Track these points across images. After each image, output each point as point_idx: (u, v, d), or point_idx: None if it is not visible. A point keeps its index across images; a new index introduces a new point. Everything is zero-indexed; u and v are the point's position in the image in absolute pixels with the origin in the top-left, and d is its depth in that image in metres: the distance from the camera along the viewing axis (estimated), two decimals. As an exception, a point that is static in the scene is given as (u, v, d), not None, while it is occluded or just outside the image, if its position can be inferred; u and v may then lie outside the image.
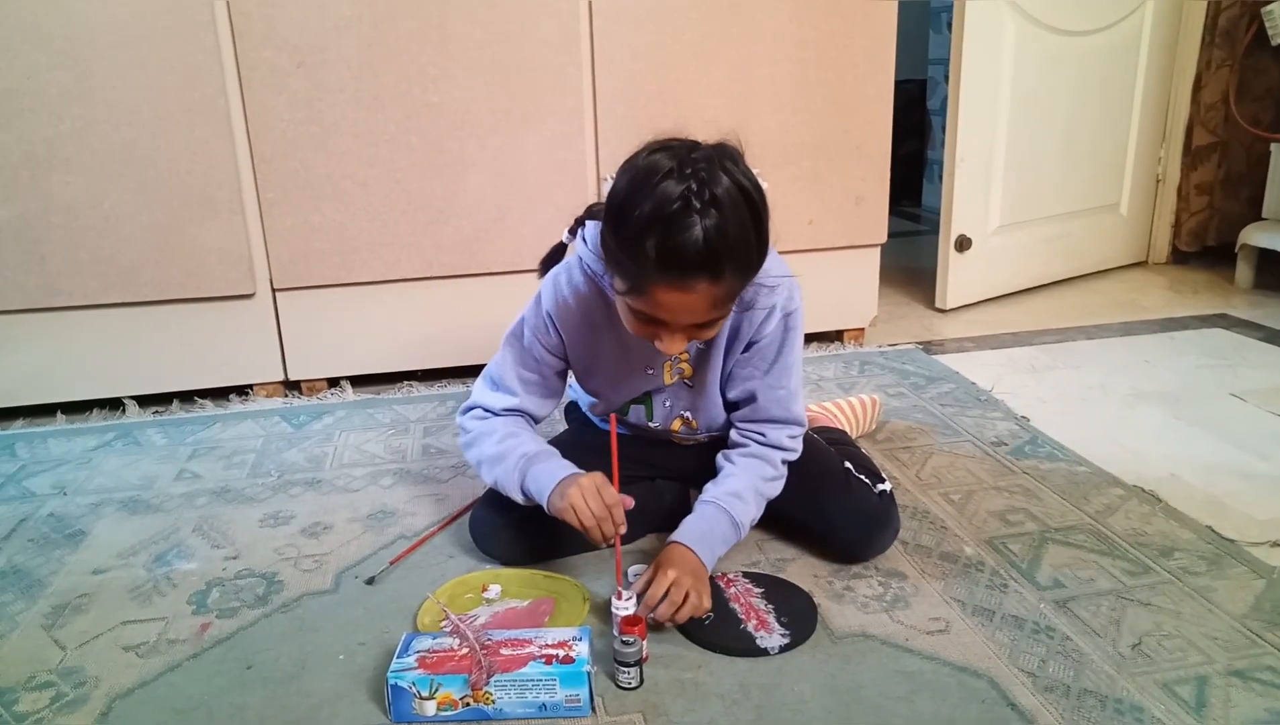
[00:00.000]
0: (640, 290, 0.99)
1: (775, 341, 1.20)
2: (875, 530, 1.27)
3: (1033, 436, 1.67)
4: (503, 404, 1.26)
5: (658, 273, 0.96)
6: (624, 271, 1.00)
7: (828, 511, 1.27)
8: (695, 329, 1.05)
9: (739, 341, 1.20)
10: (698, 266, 0.95)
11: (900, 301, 2.60)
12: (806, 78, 2.01)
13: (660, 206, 0.94)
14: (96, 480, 1.62)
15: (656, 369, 1.23)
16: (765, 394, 1.22)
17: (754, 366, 1.22)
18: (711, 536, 1.20)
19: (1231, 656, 1.06)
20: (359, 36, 1.79)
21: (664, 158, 0.97)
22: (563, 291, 1.20)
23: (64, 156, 1.74)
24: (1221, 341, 2.18)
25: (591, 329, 1.21)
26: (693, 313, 1.01)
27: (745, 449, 1.25)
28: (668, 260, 0.95)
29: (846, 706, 1.00)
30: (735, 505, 1.21)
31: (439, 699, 0.99)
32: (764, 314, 1.17)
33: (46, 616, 1.22)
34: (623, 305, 1.06)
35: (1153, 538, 1.32)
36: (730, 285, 0.99)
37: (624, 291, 1.02)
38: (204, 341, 1.92)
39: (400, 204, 1.89)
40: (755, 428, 1.25)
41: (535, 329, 1.23)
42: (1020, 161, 2.46)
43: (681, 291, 0.97)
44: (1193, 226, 2.80)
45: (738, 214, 0.96)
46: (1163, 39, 2.65)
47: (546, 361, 1.24)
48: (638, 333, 1.08)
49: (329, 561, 1.33)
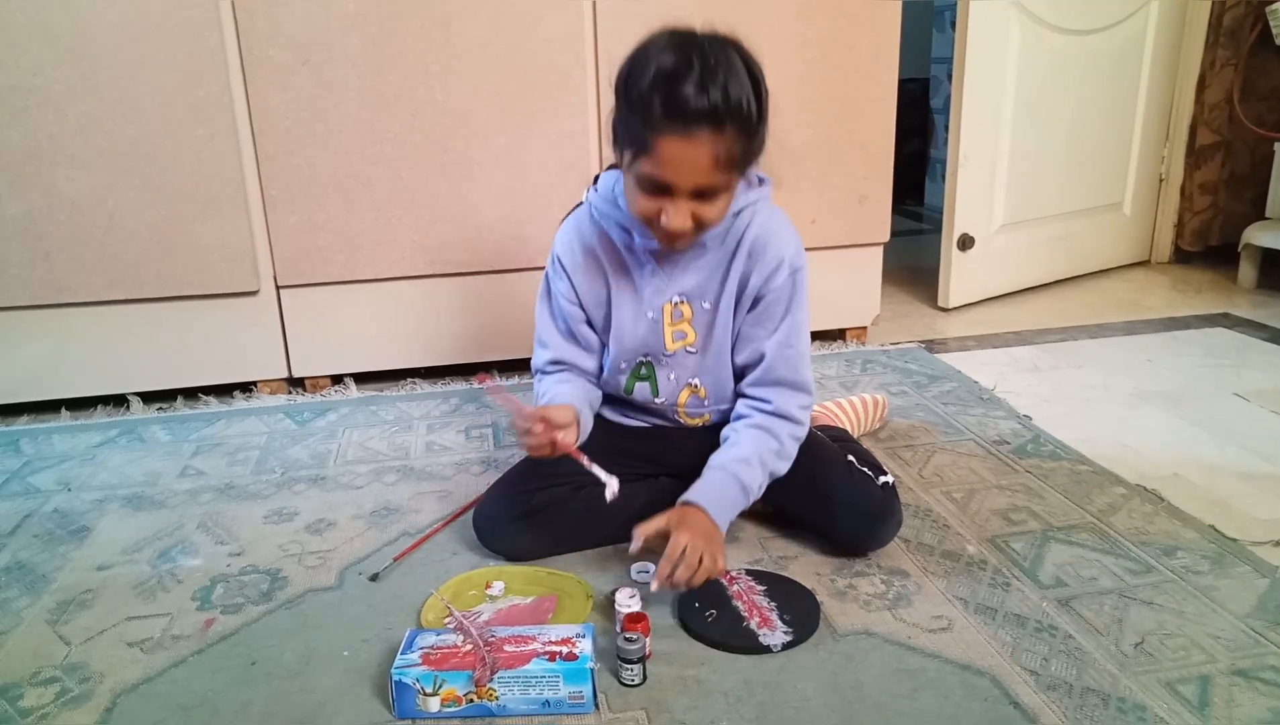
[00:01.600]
0: (647, 147, 1.04)
1: (784, 296, 1.22)
2: (878, 523, 1.27)
3: (1035, 435, 1.67)
4: (545, 357, 1.32)
5: (663, 122, 1.02)
6: (633, 135, 1.05)
7: (831, 504, 1.27)
8: (699, 202, 1.08)
9: (748, 293, 1.22)
10: (700, 116, 1.01)
11: (903, 300, 2.60)
12: (810, 77, 2.01)
13: (665, 66, 1.02)
14: (101, 476, 1.62)
15: (657, 313, 1.25)
16: (775, 352, 1.23)
17: (763, 325, 1.24)
18: (723, 500, 1.19)
19: (1235, 656, 1.06)
20: (364, 35, 1.79)
21: (668, 34, 1.06)
22: (570, 237, 1.27)
23: (69, 153, 1.74)
24: (1224, 341, 2.18)
25: (599, 272, 1.26)
26: (695, 169, 1.05)
27: (751, 420, 1.26)
28: (672, 110, 1.01)
29: (849, 704, 1.00)
30: (743, 470, 1.21)
31: (443, 695, 0.99)
32: (773, 265, 1.21)
33: (51, 612, 1.22)
34: (631, 184, 1.11)
35: (1155, 537, 1.32)
36: (730, 145, 1.04)
37: (633, 158, 1.07)
38: (208, 338, 1.92)
39: (404, 202, 1.89)
40: (763, 393, 1.25)
41: (552, 278, 1.30)
42: (1023, 160, 2.46)
43: (685, 141, 1.02)
44: (1196, 226, 2.80)
45: (737, 77, 1.03)
46: (1167, 38, 2.65)
47: (568, 311, 1.29)
48: (644, 211, 1.10)
49: (333, 558, 1.33)
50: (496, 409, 1.88)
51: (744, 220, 1.22)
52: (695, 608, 1.15)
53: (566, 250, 1.27)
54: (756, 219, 1.22)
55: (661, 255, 1.23)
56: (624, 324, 1.27)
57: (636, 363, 1.30)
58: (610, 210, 1.22)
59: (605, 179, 1.24)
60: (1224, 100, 2.67)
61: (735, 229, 1.21)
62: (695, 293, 1.24)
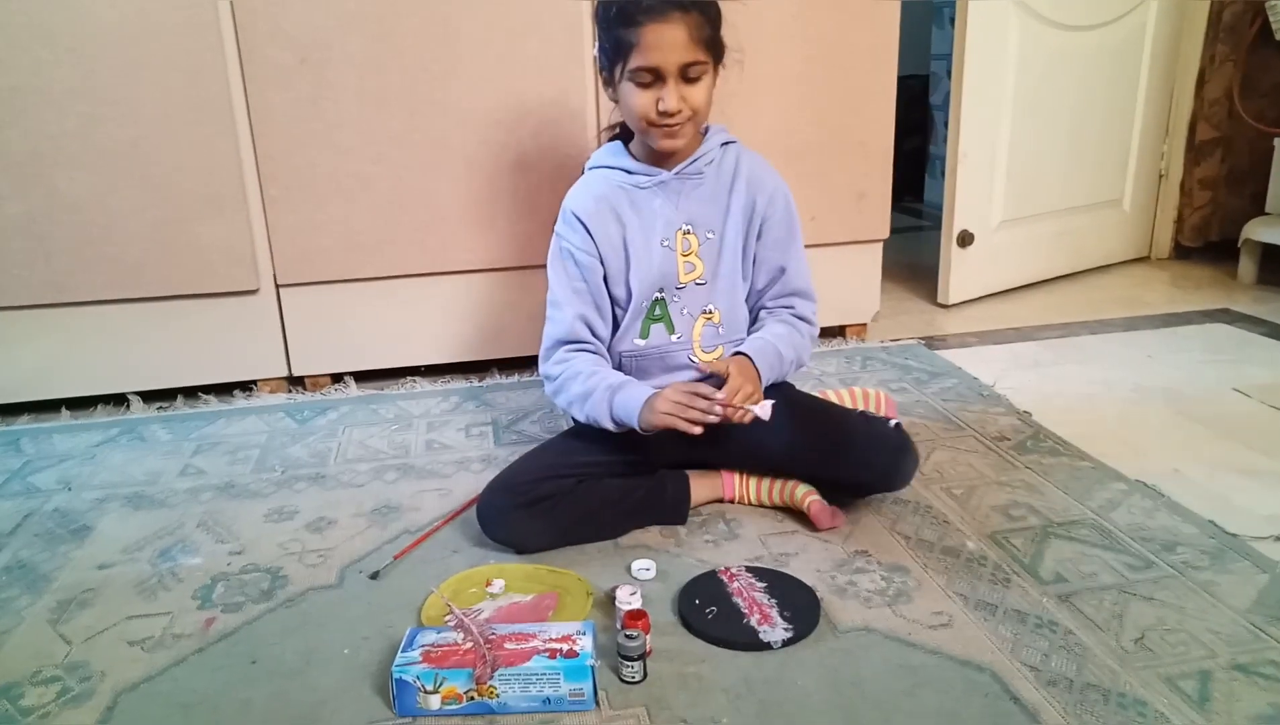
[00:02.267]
0: (633, 43, 1.23)
1: (786, 218, 1.41)
2: (900, 456, 1.35)
3: (1035, 431, 1.67)
4: (565, 321, 1.36)
5: (642, 16, 1.22)
6: (619, 44, 1.25)
7: (851, 447, 1.35)
8: (685, 83, 1.26)
9: (755, 217, 1.39)
10: (670, 4, 1.22)
11: (903, 297, 2.60)
12: (810, 74, 2.01)
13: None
14: (101, 476, 1.63)
15: (671, 241, 1.37)
16: (792, 266, 1.42)
17: (775, 247, 1.41)
18: (765, 359, 1.35)
19: (1235, 651, 1.06)
20: (364, 33, 1.79)
21: None
22: (579, 192, 1.39)
23: (69, 153, 1.74)
24: (1224, 337, 2.18)
25: (611, 213, 1.36)
26: (675, 44, 1.23)
27: (778, 316, 1.44)
28: (648, 6, 1.22)
29: (849, 700, 1.00)
30: (781, 344, 1.38)
31: (443, 693, 0.99)
32: (771, 192, 1.40)
33: (52, 611, 1.22)
34: (628, 90, 1.28)
35: (1155, 532, 1.32)
36: (700, 25, 1.24)
37: (624, 63, 1.26)
38: (208, 337, 1.92)
39: (404, 200, 1.89)
40: (784, 301, 1.44)
41: (565, 234, 1.37)
42: (1023, 157, 2.46)
43: (663, 23, 1.22)
44: (1196, 222, 2.79)
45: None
46: (1166, 34, 2.65)
47: (585, 263, 1.36)
48: (644, 108, 1.27)
49: (333, 556, 1.33)
50: (496, 407, 1.88)
51: (732, 154, 1.40)
52: (695, 605, 1.16)
53: (578, 201, 1.38)
54: (744, 155, 1.41)
55: (666, 185, 1.36)
56: (640, 257, 1.36)
57: (652, 301, 1.38)
58: (609, 158, 1.39)
59: (596, 151, 1.43)
60: (1224, 96, 2.67)
61: (727, 161, 1.39)
62: (700, 220, 1.38)
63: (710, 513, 1.41)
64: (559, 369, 1.36)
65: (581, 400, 1.32)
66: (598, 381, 1.32)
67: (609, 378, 1.33)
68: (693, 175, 1.37)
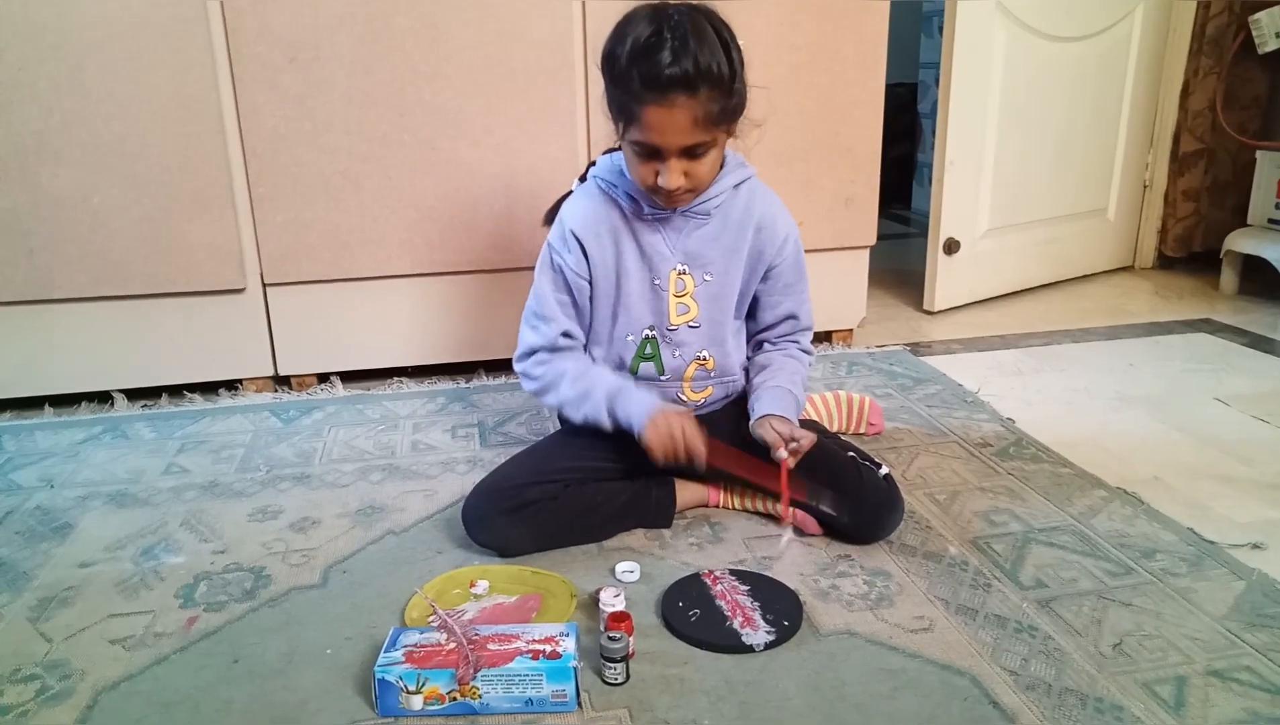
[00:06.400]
0: (634, 117, 1.15)
1: (795, 263, 1.38)
2: (886, 513, 1.32)
3: (1018, 438, 1.68)
4: (551, 334, 1.34)
5: (643, 92, 1.13)
6: (621, 108, 1.17)
7: (845, 497, 1.32)
8: (687, 160, 1.19)
9: (762, 262, 1.35)
10: (675, 83, 1.11)
11: (889, 303, 2.61)
12: (798, 80, 2.02)
13: (639, 41, 1.12)
14: (84, 473, 1.62)
15: (663, 281, 1.33)
16: (800, 308, 1.41)
17: (785, 292, 1.39)
18: (789, 411, 1.32)
19: (1211, 657, 1.07)
20: (352, 33, 1.79)
21: (642, 10, 1.16)
22: (580, 206, 1.34)
23: (54, 150, 1.73)
24: (1206, 346, 2.20)
25: (609, 237, 1.32)
26: (677, 130, 1.15)
27: (786, 350, 1.43)
28: (649, 82, 1.12)
29: (830, 703, 1.01)
30: (797, 389, 1.36)
31: (426, 693, 0.99)
32: (781, 239, 1.35)
33: (32, 609, 1.21)
34: (628, 153, 1.23)
35: (1135, 539, 1.33)
36: (707, 105, 1.14)
37: (625, 128, 1.19)
38: (194, 336, 1.91)
39: (392, 201, 1.89)
40: (792, 338, 1.44)
41: (560, 250, 1.33)
42: (1009, 166, 2.48)
43: (665, 108, 1.13)
44: (1179, 232, 2.82)
45: (706, 41, 1.13)
46: (1151, 46, 2.67)
47: (575, 283, 1.33)
48: (643, 176, 1.21)
49: (317, 556, 1.33)
50: (482, 408, 1.88)
51: (743, 195, 1.33)
52: (679, 607, 1.16)
53: (578, 218, 1.32)
54: (756, 196, 1.34)
55: (668, 222, 1.32)
56: (631, 291, 1.34)
57: (642, 339, 1.36)
58: (618, 180, 1.31)
59: (604, 160, 1.35)
60: (1207, 108, 2.70)
61: (738, 202, 1.33)
62: (699, 261, 1.33)
63: (695, 516, 1.42)
64: (541, 370, 1.36)
65: (578, 402, 1.32)
66: (592, 383, 1.32)
67: (604, 381, 1.32)
68: (699, 214, 1.31)
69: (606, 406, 1.30)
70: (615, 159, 1.32)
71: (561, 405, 1.35)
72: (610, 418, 1.31)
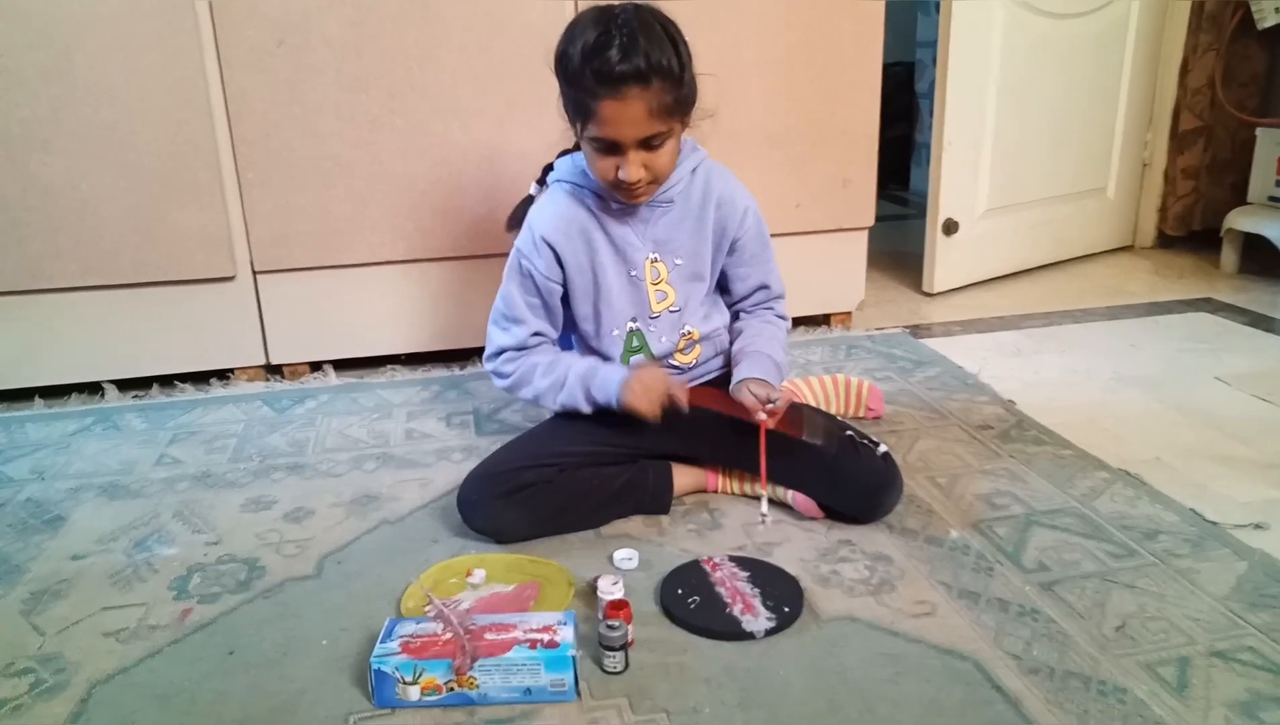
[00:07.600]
0: (591, 113, 1.18)
1: (758, 234, 1.41)
2: (884, 492, 1.32)
3: (1019, 420, 1.67)
4: (521, 335, 1.36)
5: (597, 88, 1.15)
6: (578, 106, 1.20)
7: (842, 472, 1.31)
8: (646, 151, 1.21)
9: (726, 237, 1.38)
10: (627, 77, 1.14)
11: (887, 285, 2.60)
12: (794, 61, 2.00)
13: (589, 41, 1.16)
14: (75, 465, 1.60)
15: (640, 271, 1.35)
16: (770, 276, 1.44)
17: (753, 262, 1.42)
18: (769, 374, 1.32)
19: (1213, 638, 1.07)
20: (342, 16, 1.76)
21: (588, 13, 1.20)
22: (548, 211, 1.35)
23: (42, 137, 1.71)
24: (1206, 326, 2.19)
25: (581, 238, 1.33)
26: (634, 122, 1.17)
27: (761, 316, 1.45)
28: (602, 78, 1.15)
29: (832, 689, 1.00)
30: (776, 353, 1.37)
31: (423, 684, 0.98)
32: (741, 212, 1.37)
33: (25, 602, 1.20)
34: (588, 150, 1.25)
35: (1137, 521, 1.33)
36: (660, 96, 1.17)
37: (583, 126, 1.22)
38: (184, 325, 1.90)
39: (383, 187, 1.87)
40: (768, 304, 1.46)
41: (530, 255, 1.34)
42: (1007, 145, 2.46)
43: (619, 101, 1.16)
44: (1179, 211, 2.81)
45: (654, 36, 1.17)
46: (1149, 23, 2.65)
47: (545, 287, 1.34)
48: (604, 172, 1.23)
49: (311, 546, 1.32)
50: (477, 396, 1.86)
51: (700, 177, 1.36)
52: (678, 594, 1.15)
53: (548, 223, 1.33)
54: (713, 176, 1.37)
55: (634, 213, 1.33)
56: (611, 286, 1.34)
57: (627, 332, 1.37)
58: (582, 179, 1.33)
59: (562, 162, 1.38)
60: (1206, 85, 2.67)
61: (696, 185, 1.35)
62: (668, 247, 1.35)
63: (693, 502, 1.41)
64: (512, 367, 1.37)
65: (552, 390, 1.34)
66: (564, 371, 1.34)
67: (576, 366, 1.34)
68: (663, 202, 1.34)
69: (581, 389, 1.32)
70: (576, 159, 1.35)
71: (537, 397, 1.36)
72: (588, 400, 1.32)
